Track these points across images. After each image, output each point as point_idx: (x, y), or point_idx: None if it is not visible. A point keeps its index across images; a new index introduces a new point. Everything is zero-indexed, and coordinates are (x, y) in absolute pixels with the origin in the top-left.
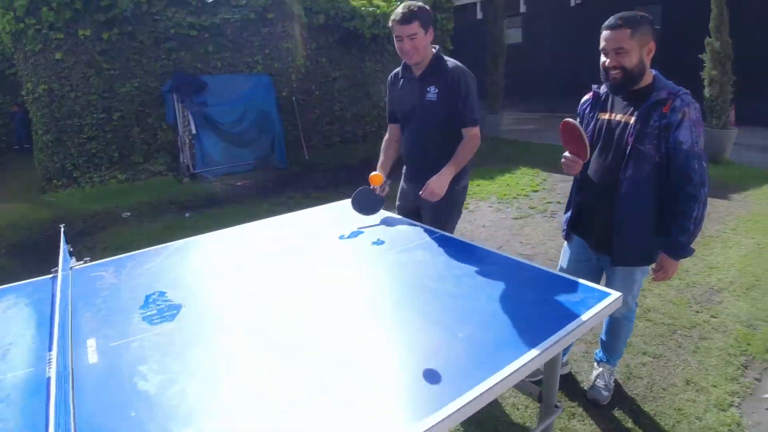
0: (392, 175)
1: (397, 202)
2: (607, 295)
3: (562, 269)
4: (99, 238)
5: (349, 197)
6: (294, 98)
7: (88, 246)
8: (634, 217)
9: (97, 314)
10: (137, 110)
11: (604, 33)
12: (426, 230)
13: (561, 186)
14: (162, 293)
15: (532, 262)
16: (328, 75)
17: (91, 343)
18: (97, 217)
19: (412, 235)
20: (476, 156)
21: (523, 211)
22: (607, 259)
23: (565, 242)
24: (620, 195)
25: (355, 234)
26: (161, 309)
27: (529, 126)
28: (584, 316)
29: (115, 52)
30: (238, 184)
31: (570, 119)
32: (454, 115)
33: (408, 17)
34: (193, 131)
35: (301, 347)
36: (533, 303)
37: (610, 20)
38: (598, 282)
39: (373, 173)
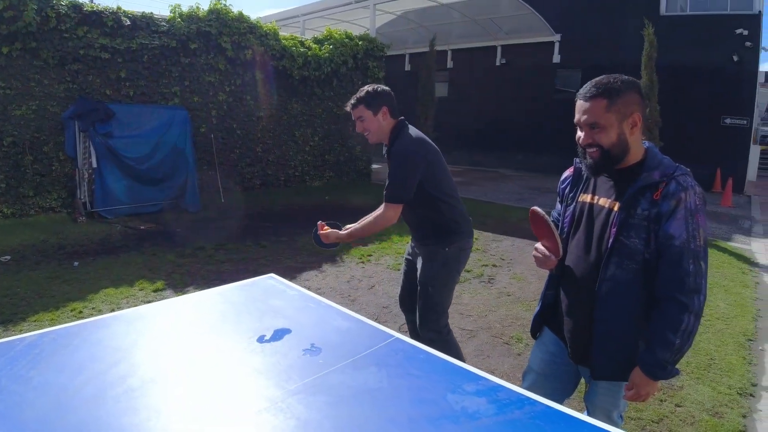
0: None
1: (404, 267)
2: None
3: (531, 370)
4: None
5: (272, 252)
6: (212, 136)
7: None
8: (616, 325)
9: None
10: (32, 136)
11: (578, 103)
12: (373, 332)
13: (494, 246)
14: None
15: (530, 395)
16: (252, 114)
17: None
18: None
19: (356, 338)
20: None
21: None
22: (586, 370)
23: (536, 340)
24: (600, 298)
25: (279, 335)
26: None
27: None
28: None
29: (14, 70)
30: (142, 227)
31: (537, 209)
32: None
33: (354, 103)
34: (94, 164)
35: None
36: None
37: (585, 88)
38: (574, 389)
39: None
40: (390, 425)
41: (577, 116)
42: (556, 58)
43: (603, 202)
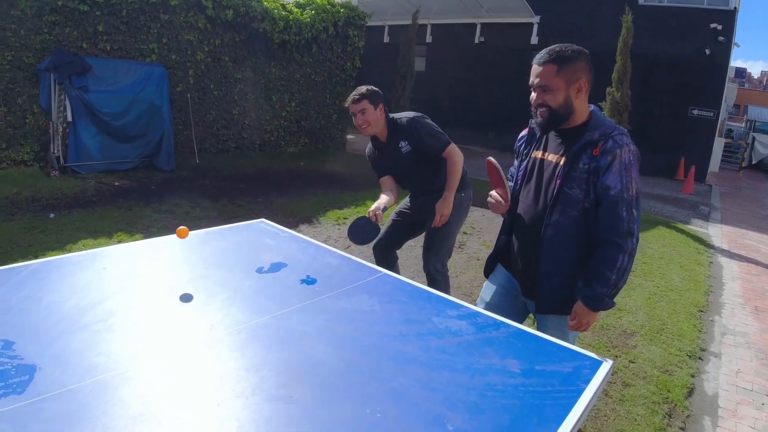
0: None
1: (397, 218)
2: (600, 363)
3: (483, 301)
4: None
5: (249, 211)
6: (189, 95)
7: None
8: (558, 264)
9: None
10: (6, 87)
11: (533, 67)
12: (362, 267)
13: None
14: (8, 344)
15: (500, 318)
16: (230, 75)
17: None
18: None
19: (347, 272)
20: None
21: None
22: (533, 303)
23: (490, 276)
24: (545, 240)
25: (276, 267)
26: (6, 372)
27: None
28: (587, 392)
29: None
30: (116, 183)
31: (492, 159)
32: (428, 150)
33: (358, 98)
34: (69, 118)
35: None
36: (523, 375)
37: (540, 53)
38: (521, 323)
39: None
40: (383, 338)
41: (531, 79)
42: (534, 39)
43: (551, 157)
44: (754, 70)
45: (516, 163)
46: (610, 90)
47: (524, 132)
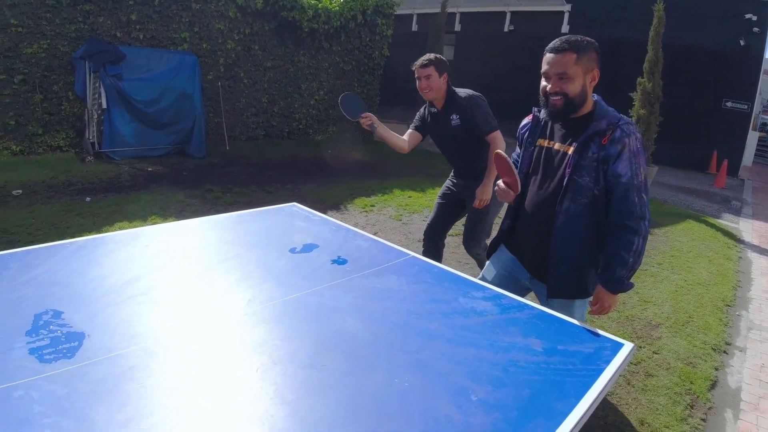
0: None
1: (441, 200)
2: (621, 345)
3: (485, 280)
4: None
5: (278, 198)
6: (220, 84)
7: None
8: (570, 250)
9: None
10: (42, 75)
11: (548, 56)
12: (391, 250)
13: None
14: (58, 313)
15: (528, 301)
16: (260, 64)
17: None
18: None
19: (377, 254)
20: (408, 168)
21: (457, 227)
22: (542, 286)
23: (492, 257)
24: (556, 228)
25: (308, 248)
26: (57, 338)
27: None
28: (607, 372)
29: (26, 8)
30: (149, 169)
31: (500, 151)
32: (476, 130)
33: (426, 63)
34: (104, 105)
35: (246, 415)
36: (545, 353)
37: (555, 43)
38: None
39: None
40: (410, 315)
41: (545, 67)
42: (565, 28)
43: (558, 146)
44: None
45: (518, 150)
46: (641, 80)
47: (527, 120)
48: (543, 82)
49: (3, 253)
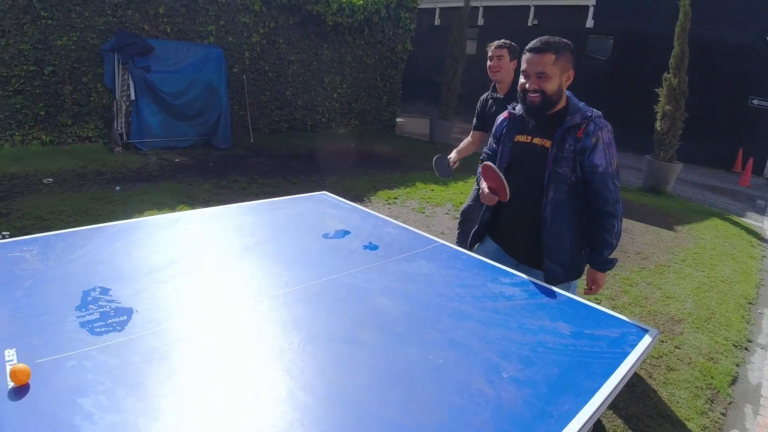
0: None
1: (471, 202)
2: (645, 332)
3: None
4: (15, 204)
5: (302, 188)
6: (245, 76)
7: (1, 213)
8: (560, 237)
9: (17, 313)
10: (72, 67)
11: (527, 55)
12: (420, 237)
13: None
14: (105, 290)
15: (556, 289)
16: (284, 57)
17: (10, 354)
18: (14, 180)
19: (407, 241)
20: (430, 162)
21: None
22: (531, 271)
23: (477, 247)
24: (545, 217)
25: (341, 234)
26: (106, 313)
27: None
28: (633, 355)
29: (56, 1)
30: (176, 160)
31: (490, 164)
32: None
33: (500, 45)
34: (132, 97)
35: (289, 385)
36: (572, 336)
37: (535, 43)
38: None
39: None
40: (441, 298)
41: (524, 66)
42: (590, 23)
43: (537, 141)
44: None
45: (494, 145)
46: (667, 76)
47: (503, 116)
48: (522, 79)
49: (47, 234)
